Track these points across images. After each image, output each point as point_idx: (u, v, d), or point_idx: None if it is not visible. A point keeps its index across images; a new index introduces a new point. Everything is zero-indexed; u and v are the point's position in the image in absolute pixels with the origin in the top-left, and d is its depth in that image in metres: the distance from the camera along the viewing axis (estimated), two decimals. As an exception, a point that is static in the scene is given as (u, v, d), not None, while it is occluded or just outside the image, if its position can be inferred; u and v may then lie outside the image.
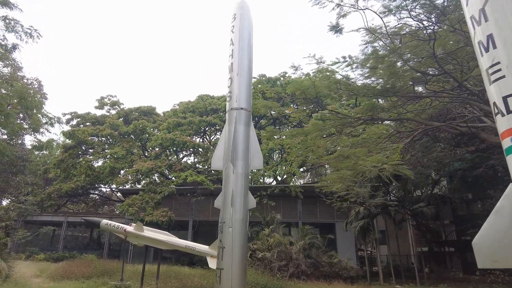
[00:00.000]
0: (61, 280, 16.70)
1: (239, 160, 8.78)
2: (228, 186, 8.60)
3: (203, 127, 28.37)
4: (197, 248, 12.59)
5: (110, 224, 13.40)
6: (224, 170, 8.93)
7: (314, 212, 29.61)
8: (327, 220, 29.76)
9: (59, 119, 15.83)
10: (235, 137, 9.08)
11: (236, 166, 8.69)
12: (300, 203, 28.83)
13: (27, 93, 13.54)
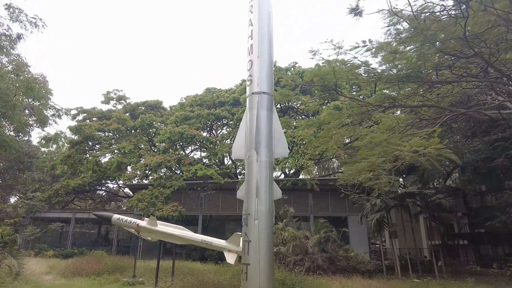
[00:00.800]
0: (72, 277, 16.30)
1: (262, 148, 8.19)
2: (251, 175, 8.01)
3: (211, 120, 27.76)
4: (213, 243, 12.05)
5: (122, 219, 12.89)
6: (246, 159, 8.34)
7: (326, 206, 29.04)
8: (339, 214, 29.20)
9: (67, 110, 15.31)
10: (257, 123, 8.48)
11: (259, 154, 8.10)
12: (311, 197, 28.30)
13: (33, 82, 13.00)
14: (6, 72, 12.47)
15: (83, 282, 14.91)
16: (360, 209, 26.99)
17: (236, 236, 11.92)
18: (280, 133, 8.65)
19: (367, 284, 14.41)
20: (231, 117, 27.89)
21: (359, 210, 26.84)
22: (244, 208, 7.94)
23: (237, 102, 29.51)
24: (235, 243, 11.89)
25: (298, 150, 22.97)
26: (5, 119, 12.57)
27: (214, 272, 15.01)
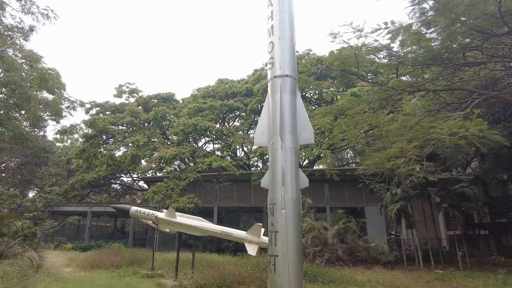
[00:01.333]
0: (91, 270, 16.32)
1: (287, 134, 7.78)
2: (276, 163, 7.62)
3: (224, 112, 27.41)
4: (234, 234, 11.77)
5: (140, 211, 12.70)
6: (270, 146, 7.95)
7: (342, 196, 28.57)
8: (355, 204, 28.68)
9: (82, 103, 15.16)
10: (281, 108, 8.07)
11: (284, 140, 7.69)
12: (327, 187, 27.87)
13: (47, 73, 12.83)
14: (20, 64, 12.30)
15: (103, 275, 14.88)
16: (377, 200, 26.41)
17: (256, 227, 11.62)
18: (305, 118, 8.22)
19: (393, 275, 13.97)
20: (244, 108, 27.48)
21: (376, 201, 26.30)
22: (269, 197, 7.58)
23: (250, 93, 29.07)
24: (256, 234, 11.59)
25: (315, 139, 22.44)
26: (21, 111, 12.45)
27: (233, 263, 14.79)
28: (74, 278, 13.12)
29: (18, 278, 10.05)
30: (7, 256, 11.95)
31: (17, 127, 12.20)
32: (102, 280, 13.24)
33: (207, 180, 25.46)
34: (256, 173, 24.76)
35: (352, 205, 29.16)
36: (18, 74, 11.52)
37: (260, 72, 29.07)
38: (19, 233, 12.24)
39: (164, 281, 11.96)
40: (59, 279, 11.81)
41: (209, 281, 11.02)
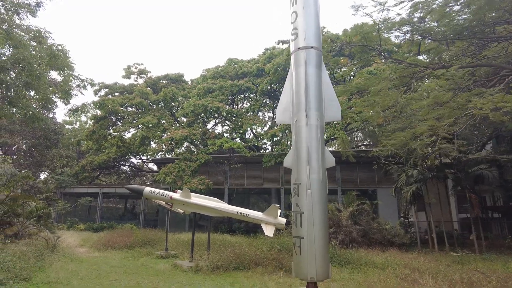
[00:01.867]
0: (105, 250, 16.37)
1: (312, 110, 7.32)
2: (301, 141, 7.21)
3: (234, 92, 26.85)
4: (250, 215, 11.51)
5: (154, 192, 12.48)
6: (293, 123, 7.52)
7: (354, 178, 28.23)
8: (367, 187, 28.37)
9: (92, 81, 14.77)
10: (306, 83, 7.59)
11: (309, 117, 7.25)
12: (339, 170, 27.52)
13: (57, 50, 12.39)
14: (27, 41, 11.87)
15: (117, 255, 14.89)
16: (390, 182, 26.07)
17: (273, 208, 11.33)
18: (331, 93, 7.74)
19: (410, 258, 13.68)
20: (255, 88, 26.86)
21: (389, 183, 25.99)
22: (293, 177, 7.22)
23: (260, 73, 28.38)
24: (273, 215, 11.32)
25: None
26: (31, 90, 12.13)
27: (247, 244, 14.63)
28: (89, 258, 13.11)
29: (34, 258, 9.99)
30: (23, 236, 11.90)
31: (28, 107, 11.90)
32: (116, 260, 13.21)
33: (218, 162, 25.23)
34: (268, 155, 24.42)
35: (364, 187, 28.83)
36: (27, 51, 11.12)
37: (271, 51, 28.26)
38: (33, 214, 12.16)
39: (179, 262, 11.85)
40: (75, 259, 11.77)
41: (225, 262, 10.86)
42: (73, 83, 14.15)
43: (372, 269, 10.91)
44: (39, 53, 11.80)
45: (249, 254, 11.64)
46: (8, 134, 31.77)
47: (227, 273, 10.41)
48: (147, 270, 10.76)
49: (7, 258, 7.80)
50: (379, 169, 26.17)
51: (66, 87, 13.72)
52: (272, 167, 26.27)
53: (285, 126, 23.57)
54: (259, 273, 10.46)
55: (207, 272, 10.33)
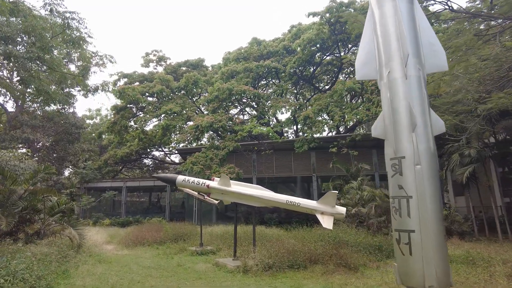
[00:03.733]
0: (134, 247, 15.05)
1: (410, 58, 5.41)
2: (397, 99, 5.29)
3: (261, 73, 24.92)
4: (302, 204, 9.74)
5: (188, 181, 10.88)
6: (382, 78, 5.60)
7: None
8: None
9: (112, 58, 13.24)
10: (397, 22, 5.65)
11: (407, 67, 5.34)
12: (375, 153, 25.38)
13: (71, 18, 10.90)
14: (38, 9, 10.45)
15: (147, 252, 13.52)
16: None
17: (330, 195, 9.52)
18: (431, 35, 5.74)
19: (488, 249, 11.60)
20: (282, 68, 24.84)
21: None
22: (389, 150, 5.34)
23: (288, 51, 26.32)
24: (330, 204, 9.51)
25: (370, 97, 19.74)
26: (43, 65, 10.72)
27: (292, 237, 12.94)
28: (118, 258, 11.74)
29: (57, 261, 8.58)
30: (45, 234, 10.60)
31: (40, 84, 10.53)
32: (148, 259, 11.78)
33: (247, 150, 23.53)
34: (300, 140, 22.51)
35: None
36: (37, 21, 9.67)
37: (298, 27, 26.11)
38: (55, 209, 10.83)
39: (221, 260, 10.25)
40: (103, 260, 10.38)
41: (277, 260, 9.18)
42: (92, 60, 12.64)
43: (459, 265, 8.97)
44: (51, 22, 10.28)
45: (302, 249, 9.92)
46: (30, 130, 31.11)
47: (282, 274, 8.72)
48: (186, 272, 9.21)
49: (21, 266, 6.36)
50: None
51: (84, 62, 12.22)
52: (303, 153, 24.45)
53: (320, 106, 21.56)
54: (319, 273, 8.74)
55: (258, 272, 8.67)
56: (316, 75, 29.06)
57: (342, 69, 28.67)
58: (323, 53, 26.07)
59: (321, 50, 25.09)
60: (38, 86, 10.04)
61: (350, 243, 11.61)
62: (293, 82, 25.48)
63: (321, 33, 22.87)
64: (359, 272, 8.98)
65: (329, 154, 25.20)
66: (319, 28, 23.04)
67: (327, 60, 27.75)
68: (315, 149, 23.99)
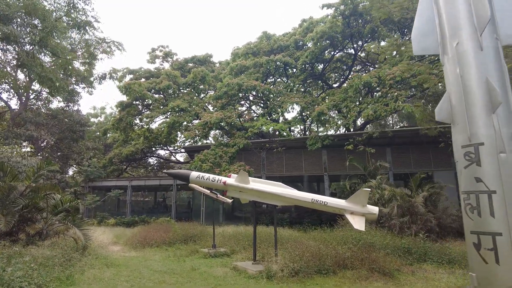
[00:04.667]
0: (142, 248, 14.20)
1: (483, 26, 4.51)
2: (469, 76, 4.39)
3: (271, 68, 24.00)
4: (329, 203, 8.84)
5: (203, 177, 10.00)
6: (446, 51, 4.70)
7: (407, 161, 24.91)
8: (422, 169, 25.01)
9: (121, 45, 12.38)
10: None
11: (483, 37, 4.43)
12: (390, 152, 24.32)
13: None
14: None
15: (157, 254, 12.67)
16: (448, 164, 23.13)
17: (361, 193, 8.61)
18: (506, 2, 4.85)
19: None
20: (294, 63, 23.92)
21: (447, 165, 23.06)
22: (463, 135, 4.43)
23: (299, 46, 25.39)
24: (360, 203, 8.61)
25: (388, 92, 18.79)
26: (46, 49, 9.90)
27: (312, 239, 12.05)
28: (125, 260, 10.90)
29: (60, 265, 7.74)
30: (48, 235, 9.78)
31: (43, 71, 9.72)
32: (158, 262, 10.93)
33: (258, 147, 22.63)
34: (313, 137, 21.58)
35: (419, 171, 25.44)
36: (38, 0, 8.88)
37: (310, 20, 25.17)
38: (58, 208, 10.01)
39: (240, 264, 9.36)
40: (110, 263, 9.52)
41: (303, 265, 8.29)
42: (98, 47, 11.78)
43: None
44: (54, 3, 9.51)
45: (330, 253, 9.01)
46: (34, 127, 30.43)
47: (310, 280, 7.82)
48: (202, 277, 8.34)
49: (18, 273, 5.51)
50: (434, 150, 23.16)
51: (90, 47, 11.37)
52: (314, 151, 23.56)
53: (335, 102, 20.62)
54: (351, 279, 7.84)
55: (284, 278, 7.77)
56: (324, 73, 28.16)
57: (354, 66, 27.73)
58: (333, 49, 25.16)
59: (332, 46, 24.18)
60: (40, 73, 9.23)
61: (377, 246, 10.71)
62: (301, 80, 24.53)
63: (335, 26, 21.94)
64: (395, 278, 8.08)
65: (341, 152, 24.26)
66: (332, 21, 22.12)
67: (336, 57, 26.86)
68: (327, 147, 23.09)
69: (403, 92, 18.06)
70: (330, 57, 26.04)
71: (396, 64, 19.62)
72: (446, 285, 7.49)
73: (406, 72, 17.86)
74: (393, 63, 20.63)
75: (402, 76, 17.87)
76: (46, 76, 9.54)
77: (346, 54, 27.34)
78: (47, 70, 9.91)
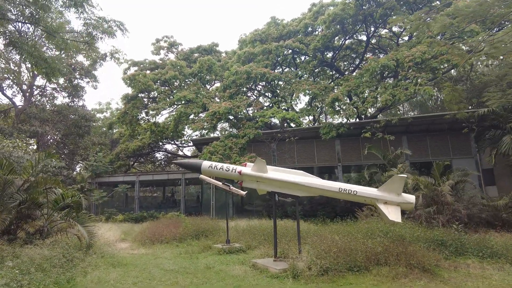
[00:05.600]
0: (152, 245, 13.40)
1: None
2: None
3: (281, 55, 22.88)
4: (359, 192, 7.86)
5: (215, 167, 9.06)
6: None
7: (424, 149, 23.80)
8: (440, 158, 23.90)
9: (123, 24, 11.40)
10: None
11: None
12: (405, 140, 23.18)
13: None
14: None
15: (167, 251, 11.83)
16: (467, 152, 22.10)
17: (396, 180, 7.63)
18: None
19: None
20: (305, 49, 22.76)
21: (466, 153, 22.04)
22: None
23: (309, 31, 24.22)
24: (395, 191, 7.63)
25: (406, 75, 17.61)
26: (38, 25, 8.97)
27: (332, 232, 11.10)
28: (134, 259, 10.08)
29: (61, 266, 6.90)
30: (49, 233, 8.97)
31: (36, 50, 8.82)
32: (169, 260, 10.09)
33: (269, 137, 21.65)
34: (327, 125, 20.54)
35: (436, 159, 24.27)
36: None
37: (320, 3, 23.95)
38: (59, 203, 9.19)
39: (260, 261, 8.45)
40: (117, 262, 8.68)
41: (331, 262, 7.36)
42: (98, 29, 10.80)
43: None
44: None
45: (360, 248, 8.05)
46: (39, 123, 29.82)
47: (342, 279, 6.88)
48: (219, 277, 7.45)
49: (2, 281, 4.64)
50: (453, 137, 21.62)
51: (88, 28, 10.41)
52: (327, 141, 22.55)
53: (350, 88, 19.52)
54: (389, 277, 6.89)
55: (312, 278, 6.84)
56: (334, 61, 26.98)
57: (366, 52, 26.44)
58: (344, 35, 23.94)
59: (342, 32, 22.94)
60: (32, 52, 8.32)
61: (407, 238, 9.72)
62: (313, 66, 23.26)
63: (347, 8, 20.73)
64: (437, 275, 7.11)
65: (356, 141, 23.24)
66: (345, 2, 20.90)
67: (347, 45, 25.66)
68: (340, 137, 22.07)
69: (423, 74, 16.87)
70: (341, 44, 24.88)
71: (414, 47, 18.45)
72: (501, 283, 6.50)
73: (427, 53, 16.70)
74: (410, 46, 19.46)
75: (422, 57, 16.70)
76: (39, 56, 8.63)
77: (357, 41, 26.12)
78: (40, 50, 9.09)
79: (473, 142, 23.01)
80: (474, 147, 23.09)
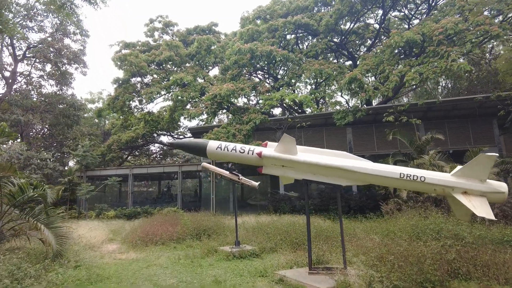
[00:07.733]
0: (144, 247, 11.15)
1: None
2: None
3: (289, 32, 20.53)
4: (428, 178, 5.67)
5: (226, 148, 6.78)
6: None
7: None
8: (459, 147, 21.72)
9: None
10: None
11: None
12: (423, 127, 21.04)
13: None
14: None
15: (163, 256, 9.62)
16: (489, 140, 20.28)
17: (482, 161, 5.44)
18: None
19: None
20: (316, 25, 20.40)
21: (489, 140, 20.18)
22: None
23: (319, 6, 21.89)
24: (478, 176, 5.46)
25: (434, 50, 15.35)
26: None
27: (368, 231, 8.95)
28: (120, 267, 7.88)
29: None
30: (3, 237, 6.73)
31: None
32: (166, 269, 7.90)
33: (274, 125, 19.39)
34: (341, 111, 18.36)
35: (456, 148, 22.12)
36: None
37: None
38: (17, 197, 6.95)
39: (290, 274, 6.17)
40: (95, 276, 6.45)
41: (399, 277, 5.20)
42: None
43: None
44: None
45: (429, 255, 5.86)
46: (21, 111, 27.31)
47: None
48: (236, 299, 5.28)
49: None
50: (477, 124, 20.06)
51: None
52: (338, 129, 20.46)
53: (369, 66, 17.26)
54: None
55: (376, 304, 4.69)
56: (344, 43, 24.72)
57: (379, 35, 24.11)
58: (350, 19, 21.66)
59: (348, 15, 20.60)
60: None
61: (465, 238, 7.57)
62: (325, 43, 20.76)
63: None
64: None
65: (369, 128, 21.23)
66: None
67: (353, 29, 23.41)
68: (352, 124, 19.99)
69: (456, 48, 14.66)
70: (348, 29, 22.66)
71: (439, 21, 16.27)
72: None
73: (460, 24, 14.50)
74: (435, 20, 17.29)
75: (455, 28, 14.49)
76: None
77: (365, 24, 23.86)
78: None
79: (496, 129, 21.14)
80: (497, 135, 21.21)
